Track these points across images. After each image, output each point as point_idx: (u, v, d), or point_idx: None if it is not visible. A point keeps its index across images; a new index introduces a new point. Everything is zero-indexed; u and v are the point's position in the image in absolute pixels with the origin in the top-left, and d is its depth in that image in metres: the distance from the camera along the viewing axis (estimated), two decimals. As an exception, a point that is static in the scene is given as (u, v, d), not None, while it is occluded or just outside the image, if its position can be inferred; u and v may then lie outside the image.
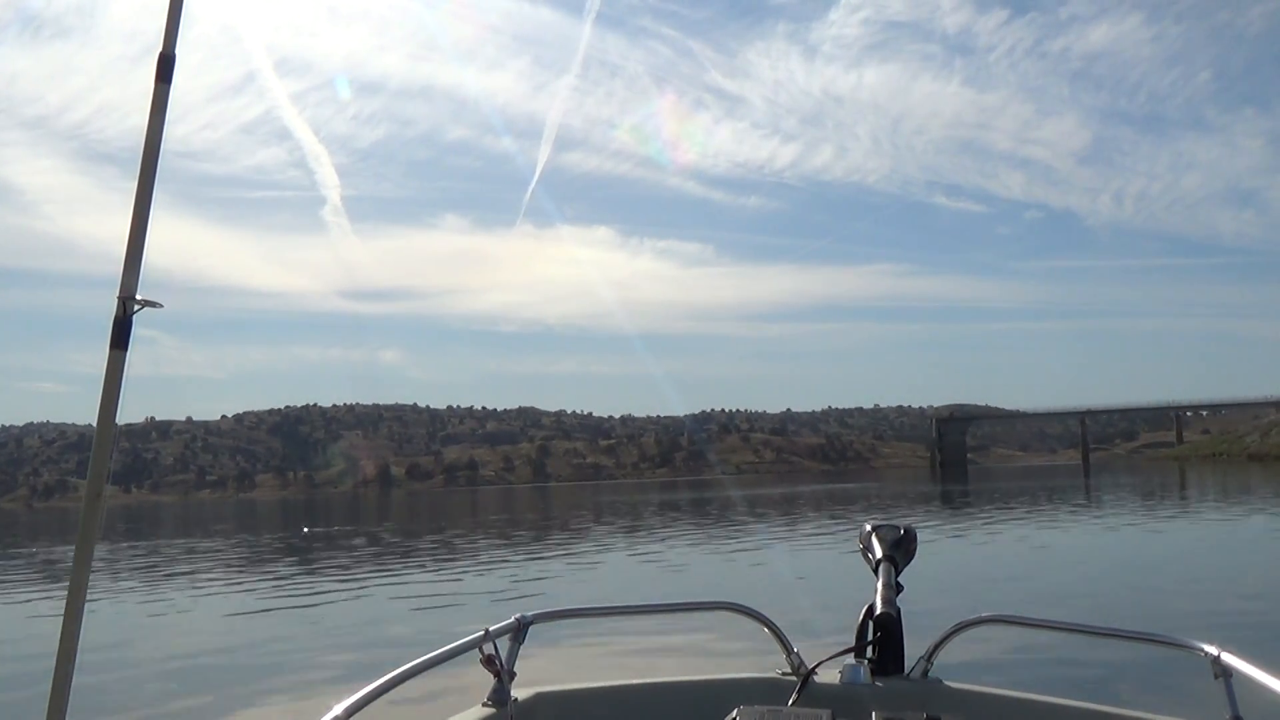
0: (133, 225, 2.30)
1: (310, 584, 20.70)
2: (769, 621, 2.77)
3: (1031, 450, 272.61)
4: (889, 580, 2.71)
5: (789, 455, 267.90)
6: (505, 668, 2.48)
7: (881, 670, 2.62)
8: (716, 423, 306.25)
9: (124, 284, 2.26)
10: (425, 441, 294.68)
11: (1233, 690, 2.29)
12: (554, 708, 2.62)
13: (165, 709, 9.37)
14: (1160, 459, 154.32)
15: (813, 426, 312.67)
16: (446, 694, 2.69)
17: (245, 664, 11.57)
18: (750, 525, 34.80)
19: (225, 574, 24.93)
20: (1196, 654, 2.42)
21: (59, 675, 2.10)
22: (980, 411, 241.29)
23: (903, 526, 2.88)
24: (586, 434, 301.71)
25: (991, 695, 2.56)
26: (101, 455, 2.21)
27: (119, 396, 2.25)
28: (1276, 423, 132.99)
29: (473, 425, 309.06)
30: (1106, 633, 2.92)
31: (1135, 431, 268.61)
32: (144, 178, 2.30)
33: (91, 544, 2.20)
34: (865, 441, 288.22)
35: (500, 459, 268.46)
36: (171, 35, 2.38)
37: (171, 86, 2.35)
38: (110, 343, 2.25)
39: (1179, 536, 24.24)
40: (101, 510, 2.23)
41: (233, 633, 14.18)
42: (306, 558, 29.54)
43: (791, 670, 2.69)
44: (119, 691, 9.80)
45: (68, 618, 2.16)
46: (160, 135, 2.33)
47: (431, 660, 2.33)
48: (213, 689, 10.09)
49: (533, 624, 2.64)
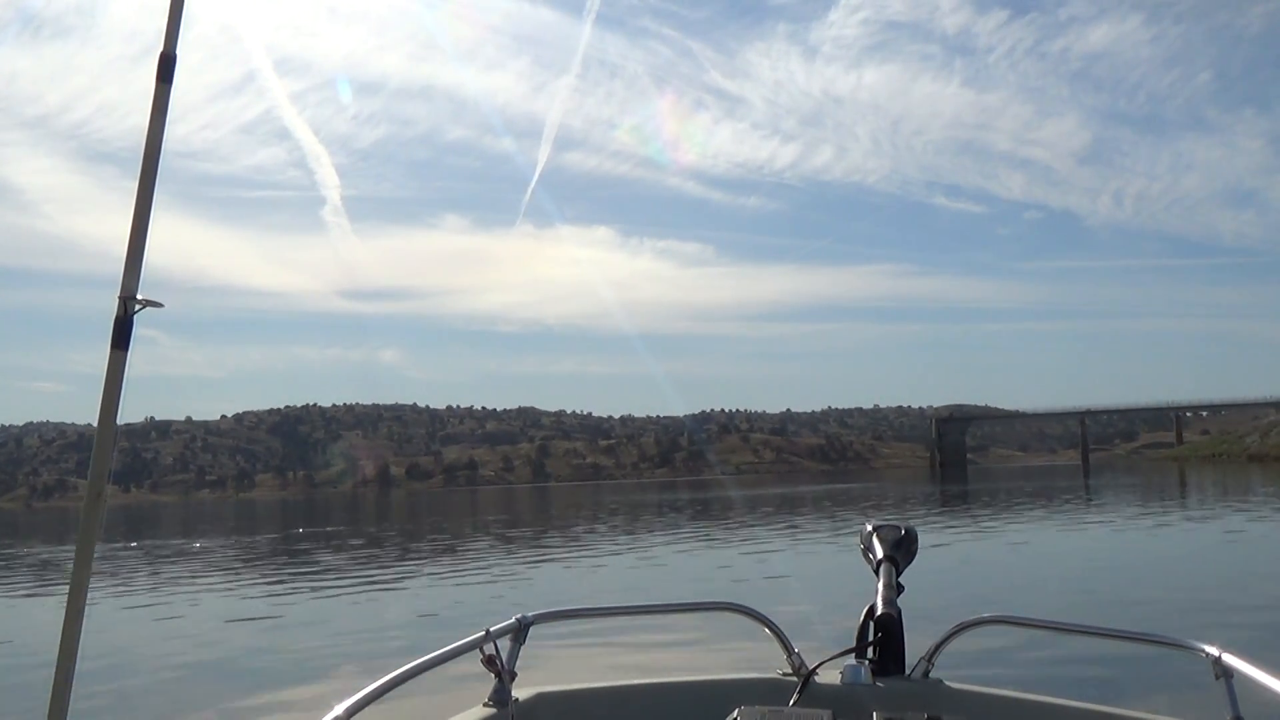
0: (133, 225, 2.30)
1: (310, 584, 20.69)
2: (770, 622, 2.77)
3: (1031, 450, 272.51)
4: (890, 580, 2.71)
5: (789, 455, 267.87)
6: (506, 668, 2.47)
7: (882, 671, 2.62)
8: (716, 423, 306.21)
9: (125, 284, 2.26)
10: (425, 441, 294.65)
11: (1234, 691, 2.29)
12: (555, 708, 2.61)
13: (165, 710, 9.37)
14: (1160, 459, 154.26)
15: (812, 427, 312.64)
16: (447, 694, 2.68)
17: (245, 665, 11.57)
18: (750, 525, 34.78)
19: (223, 574, 24.92)
20: (1198, 654, 2.41)
21: (60, 674, 2.10)
22: (980, 412, 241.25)
23: (903, 527, 2.87)
24: (586, 434, 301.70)
25: (993, 696, 2.56)
26: (102, 455, 2.21)
27: (120, 396, 2.25)
28: (1276, 423, 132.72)
29: (472, 425, 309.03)
30: (1108, 633, 2.92)
31: (1135, 432, 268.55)
32: (145, 178, 2.30)
33: (92, 543, 2.20)
34: (865, 442, 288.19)
35: (500, 459, 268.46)
36: (172, 35, 2.38)
37: (173, 86, 2.36)
38: (111, 343, 2.24)
39: (1180, 538, 24.20)
40: (102, 510, 2.23)
41: (232, 633, 14.18)
42: (304, 559, 29.53)
43: (792, 671, 2.69)
44: (118, 694, 9.79)
45: (69, 617, 2.16)
46: (161, 135, 2.33)
47: (432, 660, 2.33)
48: (213, 690, 10.08)
49: (534, 624, 2.64)
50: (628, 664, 9.54)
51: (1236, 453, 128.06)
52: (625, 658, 9.88)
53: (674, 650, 10.03)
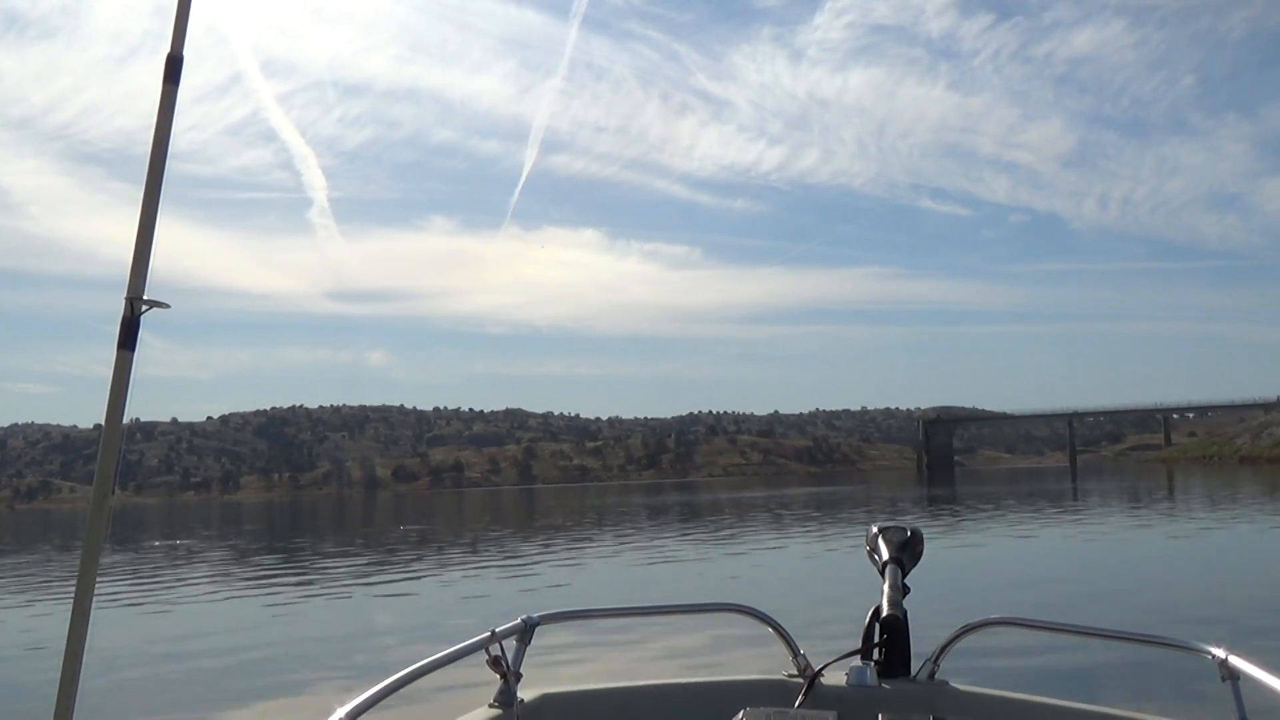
0: (140, 226, 2.29)
1: (308, 586, 20.63)
2: (775, 623, 2.77)
3: (1018, 452, 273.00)
4: (895, 582, 2.70)
5: (776, 457, 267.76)
6: (511, 669, 2.47)
7: (888, 672, 2.61)
8: (703, 425, 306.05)
9: (131, 285, 2.26)
10: (411, 443, 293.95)
11: (1240, 693, 2.29)
12: (560, 709, 2.61)
13: (166, 710, 9.33)
14: (1149, 461, 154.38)
15: (800, 428, 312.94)
16: (452, 695, 2.68)
17: (246, 665, 11.53)
18: (743, 527, 34.80)
19: (223, 575, 24.84)
20: (1204, 656, 2.41)
21: (66, 674, 2.10)
22: (967, 414, 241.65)
23: (909, 528, 2.87)
24: (573, 436, 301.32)
25: (998, 697, 2.56)
26: (109, 456, 2.21)
27: (127, 397, 2.25)
28: (1266, 425, 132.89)
29: (459, 427, 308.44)
30: (1113, 635, 2.93)
31: (1122, 434, 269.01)
32: (151, 179, 2.30)
33: (98, 545, 2.19)
34: (852, 444, 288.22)
35: (487, 461, 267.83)
36: (180, 36, 2.37)
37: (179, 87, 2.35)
38: (118, 343, 2.24)
39: (1182, 538, 24.21)
40: (108, 511, 2.22)
41: (232, 635, 14.12)
42: (303, 560, 29.44)
43: (798, 672, 2.70)
44: (121, 695, 9.75)
45: (75, 618, 2.15)
46: (168, 136, 2.33)
47: (438, 661, 2.32)
48: (213, 691, 10.06)
49: (539, 625, 2.63)
50: (633, 665, 9.55)
51: (1227, 455, 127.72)
52: (630, 659, 9.88)
53: (679, 651, 10.04)
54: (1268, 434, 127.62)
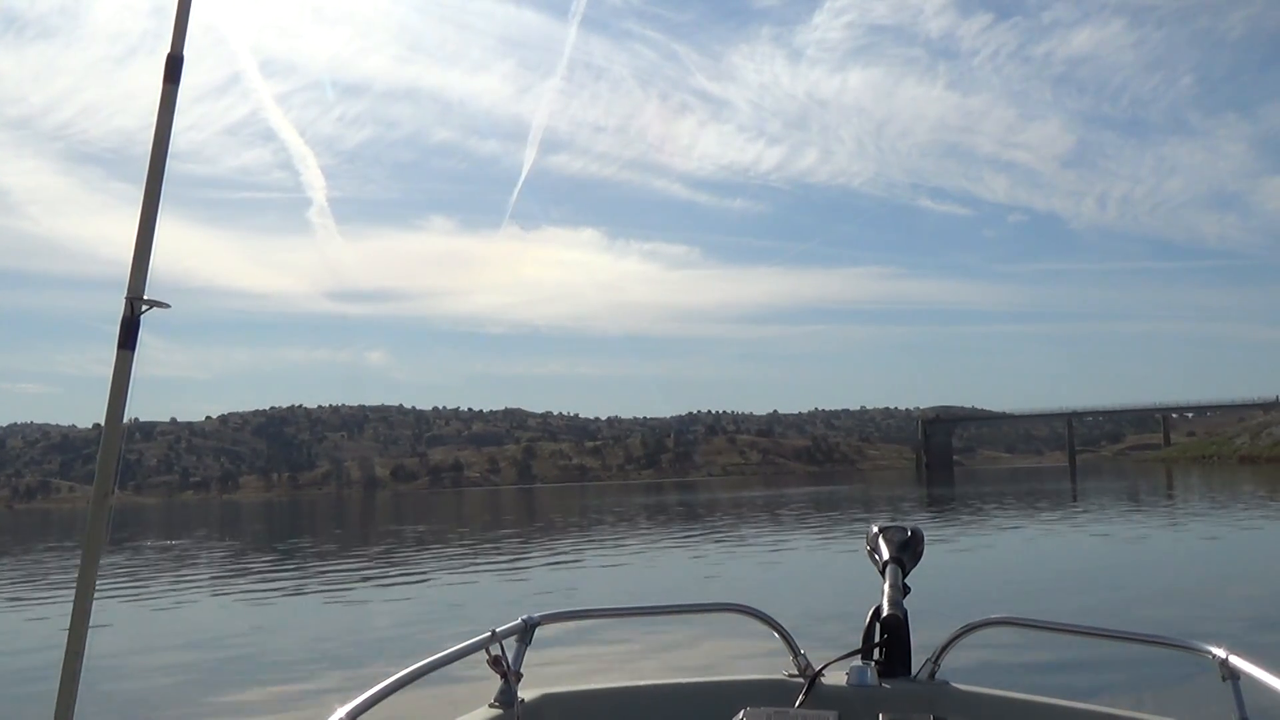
0: (140, 226, 2.30)
1: (307, 586, 20.63)
2: (775, 623, 2.76)
3: (1017, 452, 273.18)
4: (896, 582, 2.70)
5: (775, 457, 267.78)
6: (512, 669, 2.47)
7: (889, 672, 2.61)
8: (703, 424, 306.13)
9: (131, 285, 2.26)
10: (411, 443, 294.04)
11: (1240, 693, 2.29)
12: (560, 709, 2.61)
13: (167, 711, 9.33)
14: (1148, 461, 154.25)
15: (799, 428, 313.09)
16: (453, 695, 2.68)
17: (246, 666, 11.53)
18: (742, 527, 34.79)
19: (222, 576, 24.84)
20: (1204, 656, 2.41)
21: (66, 674, 2.10)
22: (966, 413, 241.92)
23: (910, 528, 2.86)
24: (572, 435, 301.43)
25: (999, 697, 2.56)
26: (109, 455, 2.21)
27: (127, 397, 2.25)
28: (1266, 425, 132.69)
29: (458, 427, 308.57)
30: (1114, 635, 2.92)
31: (1121, 433, 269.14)
32: (152, 178, 2.30)
33: (99, 543, 2.19)
34: (851, 443, 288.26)
35: (486, 460, 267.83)
36: (179, 36, 2.37)
37: (179, 87, 2.35)
38: (118, 343, 2.24)
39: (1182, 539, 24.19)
40: (109, 509, 2.22)
41: (232, 635, 14.12)
42: (299, 560, 29.44)
43: (798, 672, 2.69)
44: (121, 695, 9.75)
45: (76, 616, 2.16)
46: (169, 136, 2.33)
47: (438, 661, 2.32)
48: (214, 691, 10.05)
49: (539, 625, 2.63)
50: (633, 665, 9.55)
51: (1227, 454, 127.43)
52: (630, 659, 9.87)
53: (680, 651, 10.04)
54: (1267, 434, 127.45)
